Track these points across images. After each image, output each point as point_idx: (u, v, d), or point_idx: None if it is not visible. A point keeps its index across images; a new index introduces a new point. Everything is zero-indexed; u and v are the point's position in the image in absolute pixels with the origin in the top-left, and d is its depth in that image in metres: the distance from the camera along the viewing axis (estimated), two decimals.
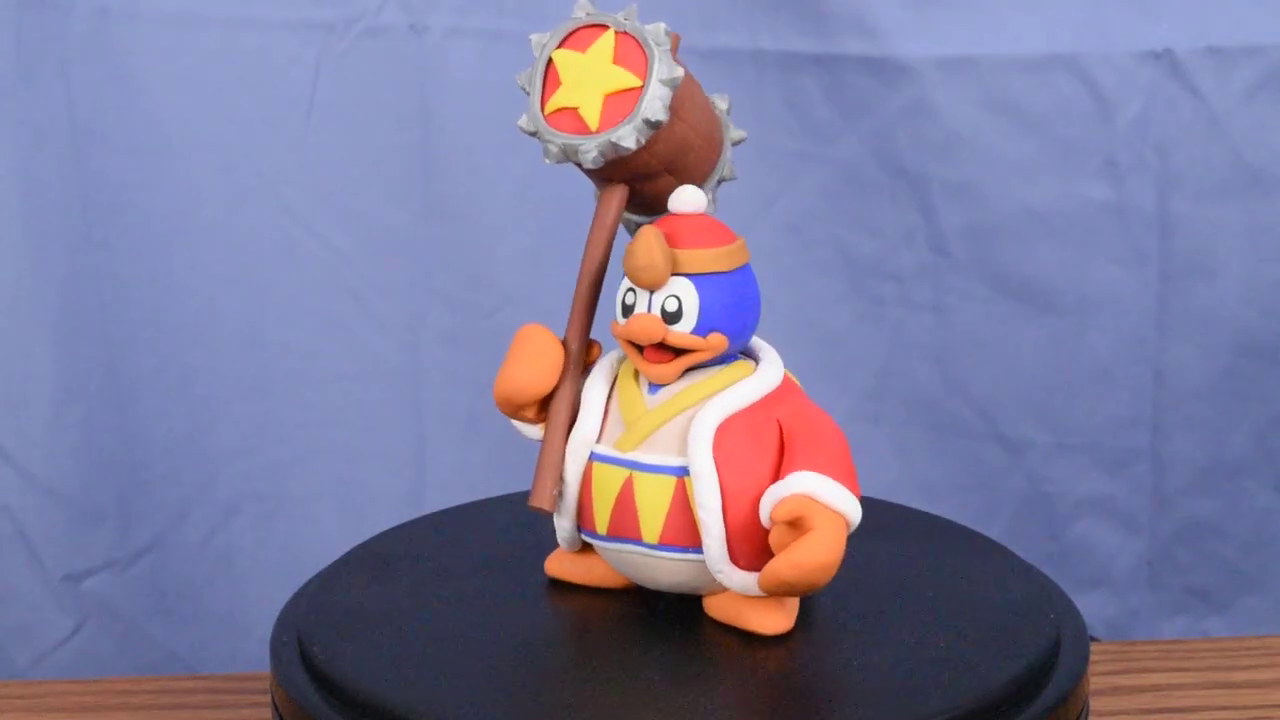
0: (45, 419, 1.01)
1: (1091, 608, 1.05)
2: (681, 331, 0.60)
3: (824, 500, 0.58)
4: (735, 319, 0.61)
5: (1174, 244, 1.02)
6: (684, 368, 0.61)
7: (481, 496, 0.75)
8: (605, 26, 0.62)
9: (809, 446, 0.60)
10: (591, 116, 0.61)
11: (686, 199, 0.61)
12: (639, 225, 0.64)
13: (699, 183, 0.63)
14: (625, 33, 0.61)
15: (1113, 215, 1.02)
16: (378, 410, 1.03)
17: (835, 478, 0.59)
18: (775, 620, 0.61)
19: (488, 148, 1.00)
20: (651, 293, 0.60)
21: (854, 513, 0.59)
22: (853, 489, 0.59)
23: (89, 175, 0.99)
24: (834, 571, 0.58)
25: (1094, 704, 0.78)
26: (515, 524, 0.65)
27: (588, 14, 0.62)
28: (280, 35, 0.99)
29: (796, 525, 0.58)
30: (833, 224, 1.02)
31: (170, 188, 1.00)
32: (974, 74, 0.99)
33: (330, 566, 0.68)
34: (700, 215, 0.61)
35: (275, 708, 0.62)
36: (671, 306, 0.60)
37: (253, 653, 1.03)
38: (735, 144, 0.65)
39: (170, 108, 0.99)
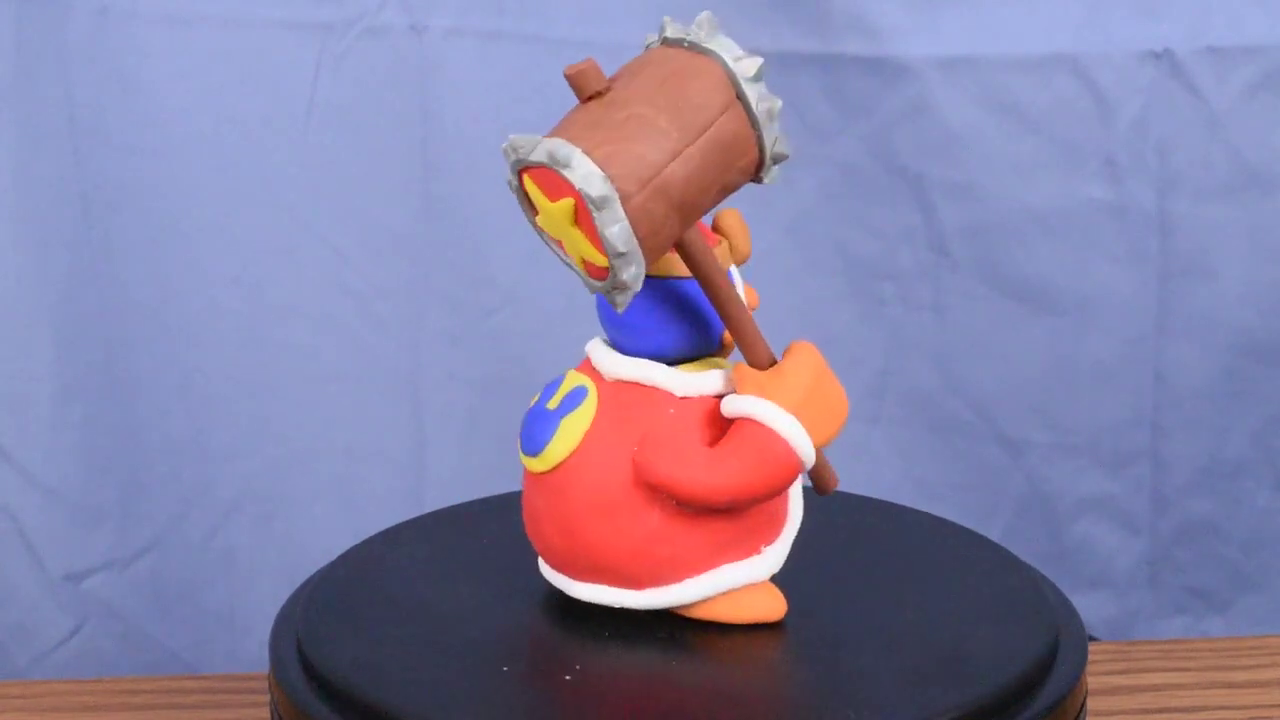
0: (45, 419, 1.01)
1: (1091, 608, 1.05)
2: None
3: None
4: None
5: (1174, 244, 1.02)
6: None
7: (481, 496, 0.75)
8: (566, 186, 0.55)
9: None
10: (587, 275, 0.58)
11: None
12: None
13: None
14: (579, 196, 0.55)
15: (1112, 215, 1.02)
16: (378, 410, 1.03)
17: None
18: None
19: (488, 148, 0.99)
20: None
21: None
22: None
23: (89, 175, 0.99)
24: None
25: (1093, 704, 0.78)
26: (515, 524, 0.65)
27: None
28: (280, 35, 0.99)
29: None
30: (832, 224, 1.02)
31: (170, 188, 1.00)
32: (974, 74, 0.99)
33: (330, 566, 0.68)
34: None
35: (274, 708, 0.62)
36: None
37: (253, 653, 1.03)
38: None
39: (170, 108, 0.99)
